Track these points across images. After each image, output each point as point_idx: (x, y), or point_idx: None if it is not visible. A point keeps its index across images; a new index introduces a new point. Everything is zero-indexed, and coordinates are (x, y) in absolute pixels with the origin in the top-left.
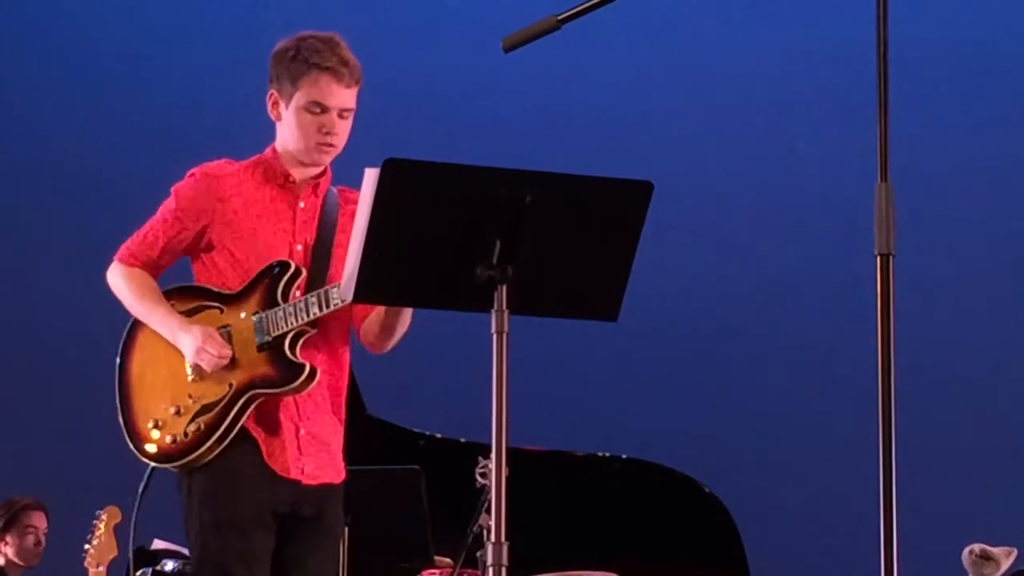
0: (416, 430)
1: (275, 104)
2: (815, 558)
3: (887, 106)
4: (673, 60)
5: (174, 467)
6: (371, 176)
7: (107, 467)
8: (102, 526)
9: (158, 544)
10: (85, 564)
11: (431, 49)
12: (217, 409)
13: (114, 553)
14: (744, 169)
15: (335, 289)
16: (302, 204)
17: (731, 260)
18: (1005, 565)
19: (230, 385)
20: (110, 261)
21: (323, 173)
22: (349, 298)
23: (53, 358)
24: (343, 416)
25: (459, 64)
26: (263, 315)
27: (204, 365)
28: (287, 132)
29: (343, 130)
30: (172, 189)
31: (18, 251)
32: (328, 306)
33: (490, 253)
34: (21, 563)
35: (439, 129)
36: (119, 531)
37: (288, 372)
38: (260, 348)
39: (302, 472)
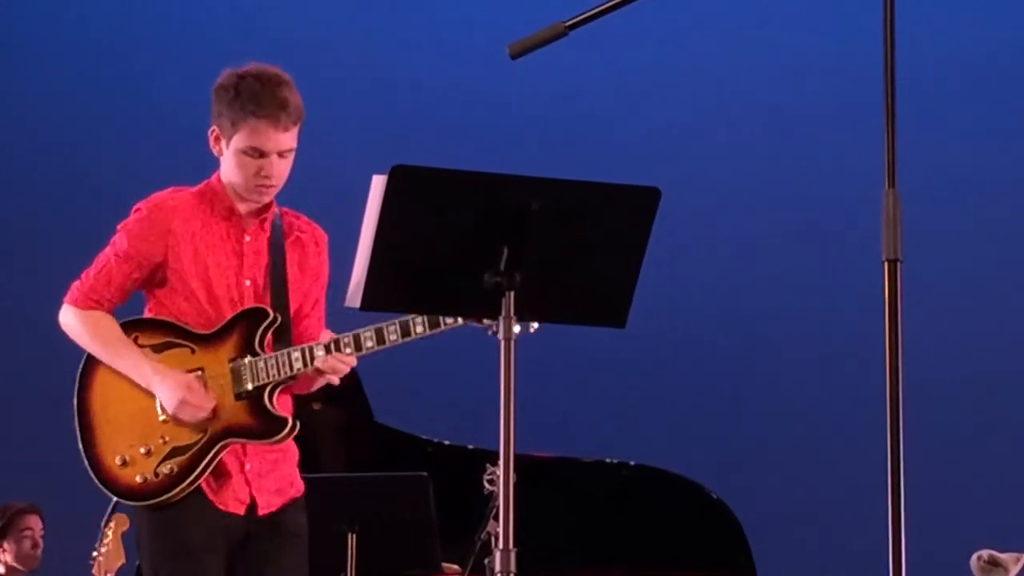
0: (423, 437)
1: (216, 140)
2: (823, 565)
3: (894, 112)
4: (680, 66)
5: (140, 505)
6: (379, 182)
7: None
8: (110, 534)
9: None
10: (93, 572)
11: (438, 55)
12: (191, 453)
13: (122, 560)
14: (752, 175)
15: (319, 347)
16: (247, 238)
17: (739, 267)
18: (1014, 571)
19: (205, 430)
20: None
21: (267, 206)
22: (357, 306)
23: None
24: None
25: (466, 71)
26: (243, 363)
27: (184, 417)
28: (228, 169)
29: (283, 169)
30: (120, 227)
31: (17, 253)
32: (311, 364)
33: (497, 260)
34: (21, 568)
35: (446, 136)
36: (127, 539)
37: (269, 425)
38: (238, 396)
39: (251, 506)
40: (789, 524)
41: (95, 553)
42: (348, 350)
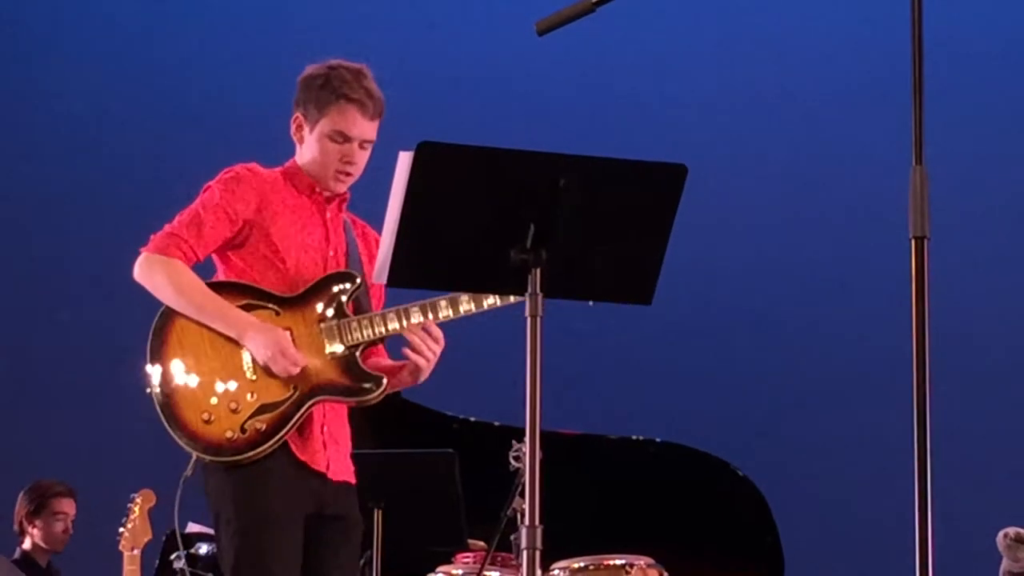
0: (450, 414)
1: (299, 127)
2: (849, 542)
3: (922, 88)
4: (707, 44)
5: (223, 461)
6: (405, 159)
7: (140, 450)
8: (136, 509)
9: (192, 528)
10: (120, 547)
11: (465, 32)
12: (280, 410)
13: (148, 536)
14: (778, 153)
15: (415, 308)
16: (328, 215)
17: (766, 243)
18: None
19: (295, 388)
20: (137, 253)
21: (343, 192)
22: (383, 282)
23: (86, 341)
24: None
25: (493, 47)
26: (336, 323)
27: (277, 370)
28: (308, 155)
29: (362, 160)
30: (210, 184)
31: (53, 237)
32: (408, 322)
33: (524, 237)
34: (47, 548)
35: (473, 112)
36: (154, 514)
37: (362, 383)
38: (331, 356)
39: (327, 467)
40: (815, 503)
41: (122, 529)
42: (446, 311)
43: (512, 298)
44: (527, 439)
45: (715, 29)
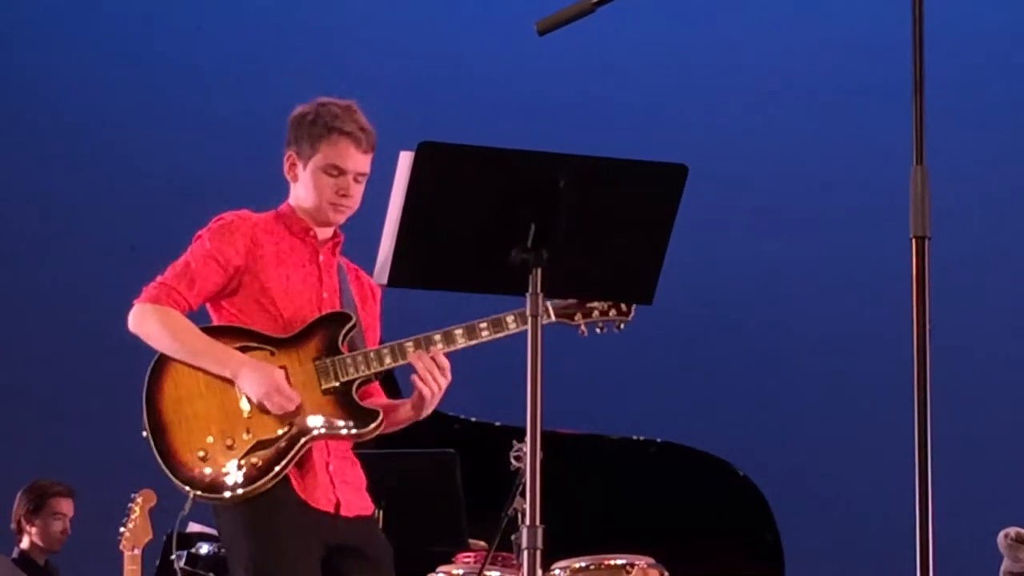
0: (451, 413)
1: (292, 166)
2: (850, 541)
3: (923, 88)
4: (707, 43)
5: (219, 499)
6: (406, 159)
7: (141, 450)
8: (137, 509)
9: (193, 527)
10: (121, 547)
11: (466, 31)
12: (276, 447)
13: (149, 536)
14: (779, 152)
15: (409, 343)
16: (321, 257)
17: (766, 243)
18: None
19: (290, 425)
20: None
21: (336, 236)
22: (384, 282)
23: (87, 340)
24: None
25: (493, 47)
26: (330, 361)
27: (271, 407)
28: (303, 192)
29: (357, 193)
30: (201, 233)
31: (54, 237)
32: (403, 358)
33: (525, 236)
34: (45, 547)
35: (473, 112)
36: (154, 514)
37: (359, 417)
38: (325, 392)
39: (337, 505)
40: (815, 502)
41: (122, 529)
42: (439, 345)
43: (510, 328)
44: (528, 439)
45: (716, 28)
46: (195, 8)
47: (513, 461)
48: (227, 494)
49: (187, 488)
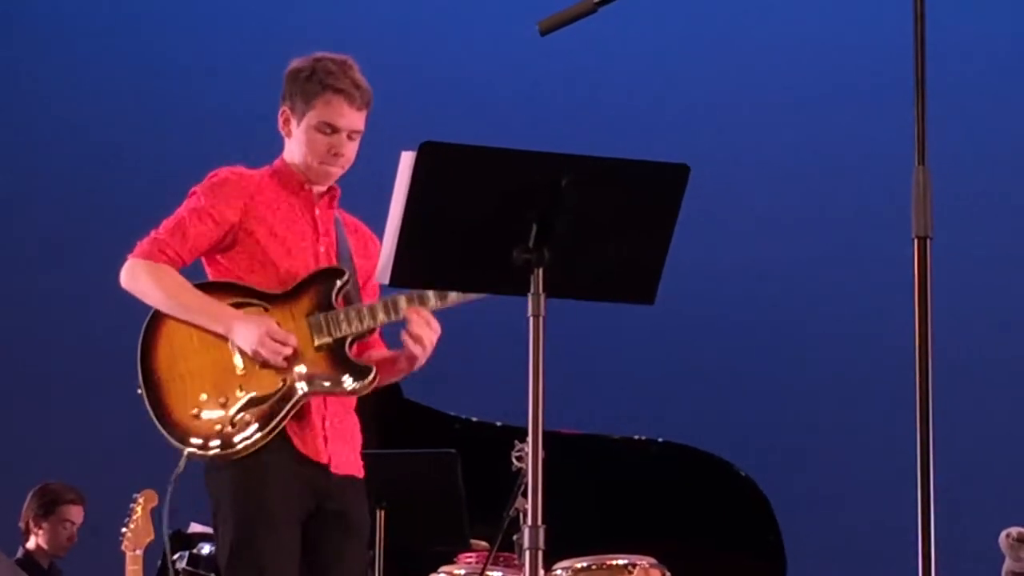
0: (452, 414)
1: (287, 121)
2: (852, 541)
3: (924, 89)
4: (710, 43)
5: (213, 455)
6: (407, 159)
7: (143, 450)
8: (139, 509)
9: (195, 528)
10: (123, 548)
11: (468, 32)
12: (270, 403)
13: (151, 536)
14: (781, 152)
15: (403, 298)
16: (317, 212)
17: (768, 244)
18: None
19: (284, 381)
20: (123, 259)
21: (332, 189)
22: (386, 282)
23: (89, 340)
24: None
25: (495, 47)
26: (322, 316)
27: (266, 354)
28: (296, 148)
29: (351, 151)
30: (195, 189)
31: (55, 237)
32: (396, 314)
33: (526, 236)
34: (50, 552)
35: (475, 112)
36: (156, 515)
37: (352, 373)
38: (319, 348)
39: (329, 460)
40: (817, 502)
41: (124, 529)
42: (432, 301)
43: None
44: (529, 439)
45: (718, 28)
46: (194, 9)
47: (515, 461)
48: (220, 450)
49: (180, 445)
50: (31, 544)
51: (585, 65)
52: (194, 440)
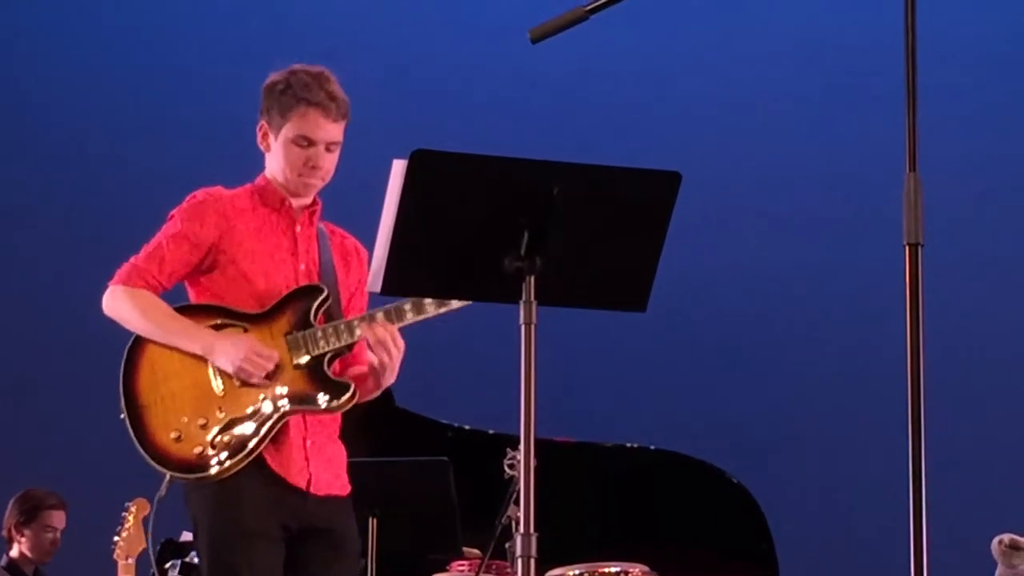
0: (444, 422)
1: (265, 135)
2: (844, 549)
3: (915, 96)
4: (700, 50)
5: (194, 478)
6: (399, 167)
7: (134, 459)
8: (131, 518)
9: (187, 536)
10: (114, 556)
11: (459, 39)
12: (249, 424)
13: (143, 545)
14: (773, 159)
15: (380, 313)
16: (298, 228)
17: (760, 251)
18: None
19: (263, 400)
20: (105, 286)
21: (314, 203)
22: (377, 291)
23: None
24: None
25: (487, 55)
26: (300, 335)
27: (252, 370)
28: (275, 163)
29: (329, 163)
30: (174, 212)
31: (48, 244)
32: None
33: (518, 244)
34: (34, 559)
35: (467, 120)
36: (147, 524)
37: (331, 390)
38: (297, 367)
39: (309, 482)
40: (809, 510)
41: (116, 538)
42: (410, 314)
43: None
44: (521, 447)
45: (709, 35)
46: (192, 10)
47: (507, 469)
48: (200, 473)
49: (163, 469)
50: (14, 552)
51: (576, 72)
52: (176, 464)
